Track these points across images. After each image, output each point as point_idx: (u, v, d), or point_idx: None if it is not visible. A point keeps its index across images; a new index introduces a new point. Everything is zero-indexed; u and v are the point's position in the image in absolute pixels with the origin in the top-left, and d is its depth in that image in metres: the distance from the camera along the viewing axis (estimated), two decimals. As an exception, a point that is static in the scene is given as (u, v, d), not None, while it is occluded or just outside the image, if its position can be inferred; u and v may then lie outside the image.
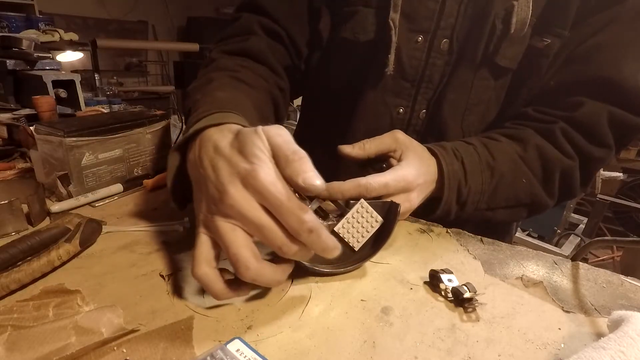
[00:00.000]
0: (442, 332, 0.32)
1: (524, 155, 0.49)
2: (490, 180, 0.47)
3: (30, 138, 0.65)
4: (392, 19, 0.49)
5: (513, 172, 0.48)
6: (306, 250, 0.30)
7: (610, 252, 2.28)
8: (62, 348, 0.27)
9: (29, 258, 0.36)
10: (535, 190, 0.49)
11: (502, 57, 0.50)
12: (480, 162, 0.47)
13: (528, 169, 0.48)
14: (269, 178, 0.28)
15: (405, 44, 0.52)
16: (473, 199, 0.47)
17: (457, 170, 0.46)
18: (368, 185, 0.40)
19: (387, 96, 0.55)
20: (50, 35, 1.61)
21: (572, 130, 0.48)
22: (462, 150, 0.48)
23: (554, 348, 0.31)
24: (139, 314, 0.32)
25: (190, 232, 0.47)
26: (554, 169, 0.48)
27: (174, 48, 4.10)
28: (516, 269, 0.42)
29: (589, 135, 0.48)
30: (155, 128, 0.62)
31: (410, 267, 0.41)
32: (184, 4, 4.25)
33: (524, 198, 0.49)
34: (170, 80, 4.29)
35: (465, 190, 0.46)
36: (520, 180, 0.48)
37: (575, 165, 0.48)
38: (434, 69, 0.53)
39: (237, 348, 0.28)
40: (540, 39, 0.49)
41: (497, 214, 0.50)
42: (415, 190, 0.43)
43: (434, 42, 0.52)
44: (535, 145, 0.48)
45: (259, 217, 0.29)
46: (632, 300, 0.37)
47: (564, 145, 0.48)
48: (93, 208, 0.53)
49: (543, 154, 0.48)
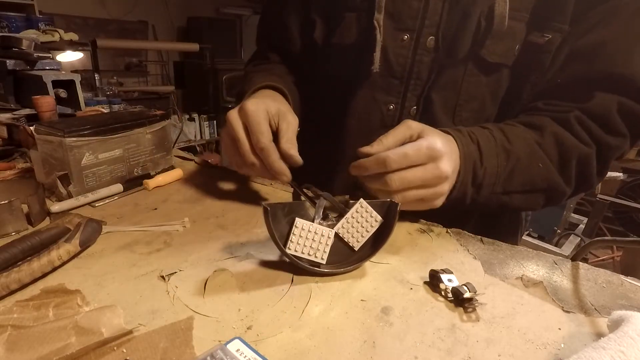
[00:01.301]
0: (442, 332, 0.32)
1: (540, 141, 0.48)
2: (506, 163, 0.47)
3: (30, 138, 0.65)
4: (377, 19, 0.52)
5: (529, 156, 0.48)
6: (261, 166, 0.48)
7: (610, 252, 2.28)
8: (62, 348, 0.27)
9: (29, 258, 0.36)
10: (552, 176, 0.49)
11: (489, 52, 0.51)
12: (497, 145, 0.47)
13: (545, 155, 0.48)
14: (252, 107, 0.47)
15: (392, 43, 0.54)
16: (489, 182, 0.47)
17: (473, 151, 0.46)
18: (387, 158, 0.41)
19: (377, 93, 0.57)
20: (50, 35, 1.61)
21: (587, 118, 0.48)
22: (478, 133, 0.48)
23: (554, 348, 0.31)
24: (139, 314, 0.32)
25: (190, 232, 0.47)
26: (571, 155, 0.48)
27: (174, 48, 4.10)
28: (516, 269, 0.42)
29: (603, 124, 0.47)
30: (155, 128, 0.62)
31: (410, 267, 0.41)
32: (184, 4, 4.24)
33: (541, 183, 0.49)
34: (170, 80, 4.29)
35: (480, 171, 0.46)
36: (536, 165, 0.48)
37: (592, 152, 0.48)
38: (421, 66, 0.54)
39: (237, 348, 0.28)
40: (540, 34, 0.49)
41: (514, 198, 0.49)
42: (444, 158, 0.42)
43: (419, 40, 0.53)
44: (552, 132, 0.48)
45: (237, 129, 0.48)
46: (632, 300, 0.37)
47: (581, 132, 0.48)
48: (93, 208, 0.53)
49: (560, 141, 0.48)
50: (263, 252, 0.43)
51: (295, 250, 0.38)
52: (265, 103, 0.49)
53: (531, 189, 0.49)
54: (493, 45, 0.50)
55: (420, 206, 0.44)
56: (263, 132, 0.47)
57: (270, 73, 0.65)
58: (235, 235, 0.47)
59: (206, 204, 0.55)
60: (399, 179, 0.41)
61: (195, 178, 0.65)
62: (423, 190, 0.43)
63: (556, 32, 0.48)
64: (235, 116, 0.49)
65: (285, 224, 0.39)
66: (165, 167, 0.66)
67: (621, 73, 0.46)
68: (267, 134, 0.47)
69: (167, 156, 0.66)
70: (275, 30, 0.69)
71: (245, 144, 0.48)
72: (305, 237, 0.38)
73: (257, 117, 0.47)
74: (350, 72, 0.58)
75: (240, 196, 0.58)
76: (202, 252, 0.43)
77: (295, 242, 0.38)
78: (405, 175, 0.41)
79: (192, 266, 0.40)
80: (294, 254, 0.38)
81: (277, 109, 0.50)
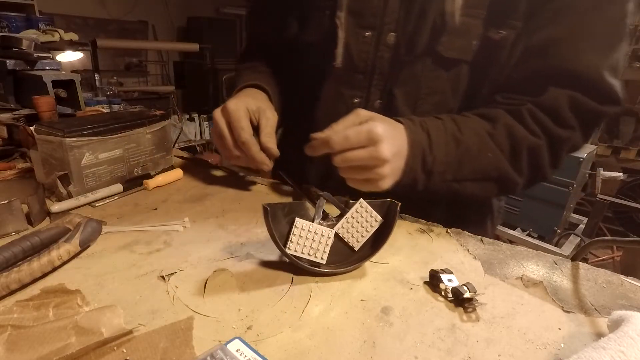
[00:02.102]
0: (442, 332, 0.32)
1: (492, 132, 0.50)
2: (455, 152, 0.49)
3: (30, 138, 0.65)
4: (338, 17, 0.55)
5: (479, 145, 0.50)
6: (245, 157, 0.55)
7: (610, 252, 2.27)
8: (62, 348, 0.27)
9: (29, 258, 0.36)
10: (503, 166, 0.51)
11: (446, 48, 0.53)
12: (447, 134, 0.50)
13: (495, 145, 0.50)
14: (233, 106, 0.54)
15: (354, 39, 0.57)
16: (439, 169, 0.49)
17: (422, 139, 0.49)
18: (330, 140, 0.45)
19: (343, 87, 0.60)
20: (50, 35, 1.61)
21: (538, 111, 0.50)
22: (429, 122, 0.50)
23: (554, 348, 0.31)
24: (139, 314, 0.32)
25: (190, 232, 0.47)
26: (522, 146, 0.50)
27: (174, 48, 4.10)
28: (516, 269, 0.42)
29: (553, 117, 0.49)
30: (155, 128, 0.62)
31: (410, 267, 0.41)
32: (184, 4, 4.25)
33: (492, 172, 0.51)
34: (170, 80, 4.29)
35: (429, 158, 0.49)
36: (486, 154, 0.50)
37: (542, 144, 0.50)
38: (383, 62, 0.57)
39: (237, 348, 0.28)
40: (496, 31, 0.51)
41: (465, 186, 0.51)
42: (384, 142, 0.44)
43: (380, 37, 0.56)
44: (505, 123, 0.50)
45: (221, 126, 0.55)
46: (632, 300, 0.37)
47: (531, 124, 0.50)
48: (93, 208, 0.53)
49: (511, 132, 0.50)
50: (263, 252, 0.43)
51: (295, 250, 0.38)
52: (246, 101, 0.56)
53: (482, 177, 0.51)
54: (449, 41, 0.52)
55: (368, 186, 0.47)
56: (244, 128, 0.53)
57: (255, 71, 0.70)
58: (235, 235, 0.47)
59: (206, 204, 0.55)
60: (341, 159, 0.45)
61: (195, 178, 0.65)
62: (365, 171, 0.46)
63: (510, 29, 0.50)
64: (219, 114, 0.56)
65: (285, 224, 0.39)
66: (165, 167, 0.66)
67: (571, 69, 0.48)
68: (247, 129, 0.54)
69: (167, 156, 0.66)
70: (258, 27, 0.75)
71: (229, 139, 0.55)
72: (305, 237, 0.38)
73: (237, 115, 0.53)
74: (317, 68, 0.62)
75: (240, 196, 0.58)
76: (202, 252, 0.43)
77: (295, 242, 0.38)
78: (346, 155, 0.45)
79: (192, 266, 0.40)
80: (294, 254, 0.38)
81: (257, 106, 0.56)
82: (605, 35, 0.48)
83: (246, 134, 0.53)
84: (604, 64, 0.48)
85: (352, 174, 0.47)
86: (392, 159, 0.45)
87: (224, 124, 0.55)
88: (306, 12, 0.61)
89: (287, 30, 0.65)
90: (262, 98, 0.61)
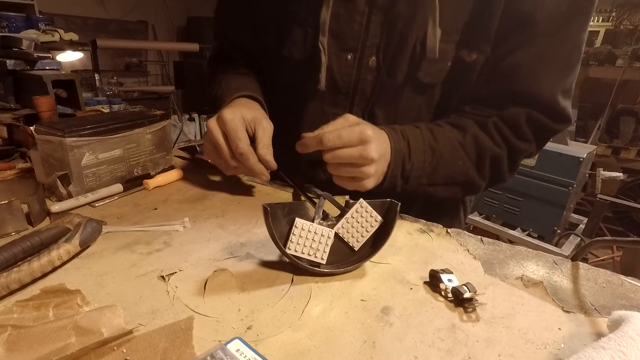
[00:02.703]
0: (442, 332, 0.32)
1: (462, 141, 0.55)
2: (431, 160, 0.54)
3: (30, 138, 0.65)
4: (321, 42, 0.56)
5: (451, 154, 0.55)
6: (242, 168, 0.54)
7: (610, 252, 2.27)
8: (62, 348, 0.27)
9: (29, 258, 0.36)
10: (469, 172, 0.56)
11: (424, 74, 0.56)
12: (424, 143, 0.54)
13: (464, 153, 0.55)
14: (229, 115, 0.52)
15: (336, 61, 0.58)
16: (415, 174, 0.54)
17: (403, 148, 0.53)
18: (323, 137, 0.47)
19: (325, 106, 0.62)
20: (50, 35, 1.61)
21: (502, 124, 0.55)
22: (409, 132, 0.54)
23: (554, 348, 0.31)
24: (139, 314, 0.32)
25: (190, 232, 0.47)
26: (486, 155, 0.55)
27: (174, 48, 4.10)
28: (516, 269, 0.42)
29: (514, 130, 0.55)
30: (155, 128, 0.62)
31: (410, 267, 0.41)
32: (184, 4, 4.25)
33: (459, 177, 0.56)
34: (170, 80, 4.29)
35: (408, 165, 0.53)
36: (457, 162, 0.55)
37: (503, 153, 0.56)
38: (365, 83, 0.59)
39: (237, 348, 0.28)
40: (468, 53, 0.54)
41: (437, 189, 0.57)
42: (373, 143, 0.47)
43: (362, 60, 0.57)
44: (473, 134, 0.55)
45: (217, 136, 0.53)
46: (632, 300, 0.37)
47: (495, 136, 0.55)
48: (93, 208, 0.53)
49: (478, 142, 0.55)
50: (263, 252, 0.43)
51: (295, 250, 0.38)
52: (241, 111, 0.54)
53: (452, 182, 0.57)
54: (427, 67, 0.55)
55: (353, 184, 0.50)
56: (241, 138, 0.52)
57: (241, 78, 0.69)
58: (235, 235, 0.47)
59: (206, 204, 0.55)
60: (332, 155, 0.48)
61: (195, 178, 0.65)
62: (353, 169, 0.48)
63: (481, 53, 0.54)
64: (215, 124, 0.54)
65: (285, 224, 0.39)
66: (165, 167, 0.66)
67: (531, 91, 0.53)
68: (244, 139, 0.52)
69: (167, 156, 0.66)
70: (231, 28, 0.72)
71: (225, 149, 0.53)
72: (305, 237, 0.38)
73: (234, 125, 0.52)
74: (299, 84, 0.63)
75: (240, 196, 0.58)
76: (202, 252, 0.43)
77: (295, 242, 0.38)
78: (337, 152, 0.47)
79: (192, 266, 0.40)
80: (294, 254, 0.38)
81: (252, 116, 0.55)
82: (563, 63, 0.53)
83: (244, 144, 0.52)
84: (560, 88, 0.53)
85: (340, 171, 0.49)
86: (378, 161, 0.48)
87: (220, 134, 0.53)
88: (287, 25, 0.60)
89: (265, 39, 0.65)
90: (256, 107, 0.60)
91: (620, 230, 2.69)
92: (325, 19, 0.55)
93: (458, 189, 0.58)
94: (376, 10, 0.54)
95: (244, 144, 0.52)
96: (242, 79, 0.68)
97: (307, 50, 0.59)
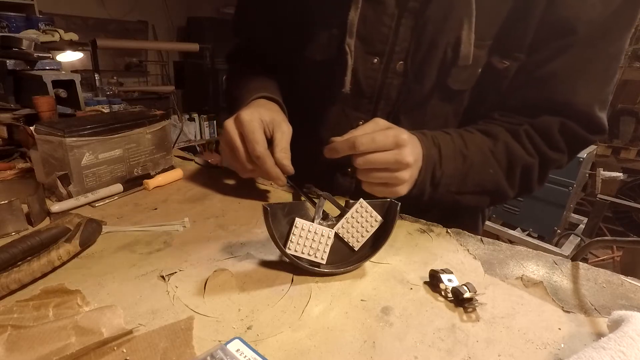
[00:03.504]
0: (442, 332, 0.32)
1: (493, 149, 0.53)
2: (462, 167, 0.52)
3: (30, 138, 0.65)
4: (348, 44, 0.54)
5: (482, 162, 0.53)
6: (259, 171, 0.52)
7: (610, 252, 2.27)
8: (62, 348, 0.27)
9: (29, 258, 0.36)
10: (500, 181, 0.54)
11: (454, 81, 0.54)
12: (455, 150, 0.52)
13: (495, 161, 0.53)
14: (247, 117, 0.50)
15: (362, 65, 0.57)
16: (445, 182, 0.52)
17: (434, 154, 0.51)
18: (356, 140, 0.45)
19: (348, 110, 0.61)
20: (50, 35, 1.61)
21: (534, 133, 0.53)
22: (440, 138, 0.52)
23: (554, 348, 0.31)
24: (139, 314, 0.32)
25: (190, 232, 0.47)
26: (517, 164, 0.53)
27: (174, 48, 4.10)
28: (516, 269, 0.42)
29: (546, 140, 0.53)
30: (155, 128, 0.62)
31: (410, 267, 0.41)
32: (184, 4, 4.24)
33: (489, 186, 0.54)
34: (170, 80, 4.29)
35: (439, 172, 0.51)
36: (487, 170, 0.53)
37: (535, 163, 0.53)
38: (391, 88, 0.57)
39: (237, 348, 0.28)
40: (500, 60, 0.53)
41: (465, 198, 0.55)
42: (408, 147, 0.46)
43: (389, 64, 0.56)
44: (504, 141, 0.53)
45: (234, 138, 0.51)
46: (632, 300, 0.37)
47: (527, 145, 0.53)
48: (93, 208, 0.53)
49: (509, 150, 0.53)
50: (263, 252, 0.43)
51: (295, 250, 0.38)
52: (260, 112, 0.52)
53: (481, 190, 0.54)
54: (458, 74, 0.54)
55: (385, 191, 0.48)
56: (258, 141, 0.50)
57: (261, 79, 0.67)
58: (235, 235, 0.47)
59: (206, 204, 0.55)
60: (364, 160, 0.46)
61: (195, 178, 0.65)
62: (386, 174, 0.46)
63: (514, 61, 0.52)
64: (232, 125, 0.52)
65: (285, 224, 0.39)
66: (165, 167, 0.66)
67: (567, 100, 0.51)
68: (262, 142, 0.50)
69: (167, 156, 0.66)
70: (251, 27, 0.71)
71: (242, 152, 0.51)
72: (305, 237, 0.38)
73: (251, 127, 0.50)
74: (323, 87, 0.61)
75: (240, 196, 0.58)
76: (202, 252, 0.43)
77: (295, 242, 0.38)
78: (370, 157, 0.45)
79: (192, 266, 0.40)
80: (294, 254, 0.38)
81: (271, 118, 0.53)
82: (601, 73, 0.51)
83: (261, 147, 0.50)
84: (597, 98, 0.51)
85: (372, 177, 0.47)
86: (413, 165, 0.47)
87: (237, 135, 0.51)
88: (310, 25, 0.59)
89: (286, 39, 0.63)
90: (275, 109, 0.57)
91: (620, 230, 2.69)
92: (353, 20, 0.53)
93: (486, 198, 0.56)
94: (407, 14, 0.52)
95: (260, 146, 0.50)
96: (262, 80, 0.67)
97: (331, 52, 0.57)
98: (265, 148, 0.50)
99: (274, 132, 0.53)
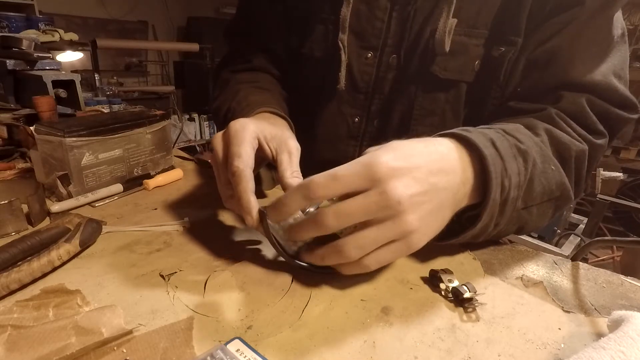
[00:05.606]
0: (442, 332, 0.32)
1: (539, 140, 0.41)
2: (524, 169, 0.37)
3: (30, 138, 0.65)
4: (341, 40, 0.53)
5: (541, 157, 0.39)
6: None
7: (610, 252, 2.28)
8: (62, 348, 0.27)
9: (29, 258, 0.36)
10: (563, 179, 0.41)
11: (440, 69, 0.51)
12: (511, 146, 0.37)
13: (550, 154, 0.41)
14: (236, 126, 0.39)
15: (356, 60, 0.56)
16: (513, 196, 0.36)
17: (494, 155, 0.35)
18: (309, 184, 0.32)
19: (343, 106, 0.59)
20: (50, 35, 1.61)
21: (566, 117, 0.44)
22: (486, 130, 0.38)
23: (554, 348, 0.31)
24: (139, 314, 0.32)
25: (190, 232, 0.47)
26: (570, 153, 0.42)
27: (174, 48, 4.11)
28: (516, 269, 0.42)
29: (583, 122, 0.44)
30: (155, 128, 0.62)
31: (410, 267, 0.41)
32: (184, 4, 4.25)
33: (555, 190, 0.41)
34: (170, 80, 4.29)
35: (507, 183, 0.35)
36: (550, 167, 0.40)
37: (586, 149, 0.43)
38: (385, 82, 0.56)
39: (237, 348, 0.28)
40: (497, 48, 0.49)
41: (531, 214, 0.41)
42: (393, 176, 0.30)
43: (382, 58, 0.55)
44: (545, 128, 0.42)
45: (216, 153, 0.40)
46: (632, 300, 0.37)
47: (567, 128, 0.43)
48: (93, 208, 0.53)
49: (554, 138, 0.42)
50: (263, 252, 0.43)
51: (295, 251, 0.38)
52: (259, 124, 0.41)
53: (547, 198, 0.41)
54: (444, 62, 0.51)
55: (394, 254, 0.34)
56: (241, 155, 0.37)
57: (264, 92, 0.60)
58: (236, 235, 0.47)
59: (206, 204, 0.55)
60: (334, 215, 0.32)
61: (195, 178, 0.65)
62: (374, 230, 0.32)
63: (509, 45, 0.48)
64: (218, 139, 0.41)
65: (285, 224, 0.38)
66: (165, 167, 0.66)
67: (572, 78, 0.45)
68: (245, 157, 0.37)
69: (167, 156, 0.66)
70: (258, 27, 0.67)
71: (220, 170, 0.40)
72: (305, 237, 0.38)
73: (238, 138, 0.38)
74: (317, 84, 0.60)
75: (240, 196, 0.58)
76: (202, 252, 0.43)
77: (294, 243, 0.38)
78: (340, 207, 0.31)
79: (192, 266, 0.40)
80: (293, 255, 0.38)
81: (274, 134, 0.42)
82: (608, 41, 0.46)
83: (241, 163, 0.37)
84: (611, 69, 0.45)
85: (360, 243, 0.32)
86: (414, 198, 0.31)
87: (221, 150, 0.40)
88: (309, 21, 0.58)
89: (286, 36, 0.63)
90: (281, 124, 0.49)
91: (620, 230, 2.69)
92: (345, 16, 0.52)
93: (551, 208, 0.42)
94: (398, 7, 0.52)
95: (241, 162, 0.37)
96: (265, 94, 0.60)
97: (328, 48, 0.56)
98: (247, 165, 0.37)
99: (278, 151, 0.41)
